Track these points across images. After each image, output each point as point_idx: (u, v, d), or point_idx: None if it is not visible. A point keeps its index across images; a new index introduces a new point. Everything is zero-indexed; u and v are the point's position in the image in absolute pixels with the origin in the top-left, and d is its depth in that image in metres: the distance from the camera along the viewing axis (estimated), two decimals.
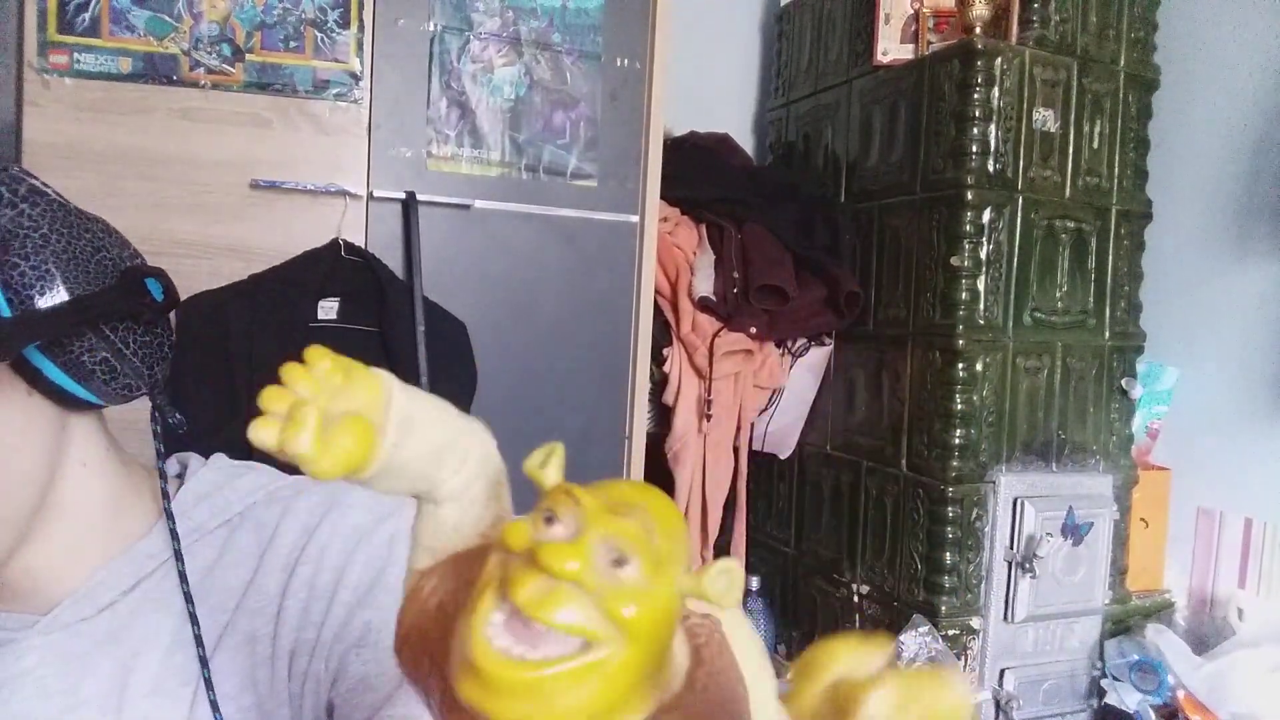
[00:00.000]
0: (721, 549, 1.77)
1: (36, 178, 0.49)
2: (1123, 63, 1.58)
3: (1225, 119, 1.66)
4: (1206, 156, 1.69)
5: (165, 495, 0.54)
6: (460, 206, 1.35)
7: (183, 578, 0.52)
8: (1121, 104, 1.58)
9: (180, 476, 0.60)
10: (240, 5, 1.25)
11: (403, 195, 1.32)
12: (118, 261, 0.51)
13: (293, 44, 1.28)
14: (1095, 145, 1.56)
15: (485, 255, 1.38)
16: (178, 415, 0.53)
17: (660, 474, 1.67)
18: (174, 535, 0.53)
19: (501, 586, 0.21)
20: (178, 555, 0.52)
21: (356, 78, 1.31)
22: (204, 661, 0.51)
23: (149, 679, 0.52)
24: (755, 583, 1.83)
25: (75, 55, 1.20)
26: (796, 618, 1.83)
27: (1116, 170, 1.58)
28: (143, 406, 0.54)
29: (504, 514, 0.28)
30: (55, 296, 0.46)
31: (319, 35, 1.29)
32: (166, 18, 1.22)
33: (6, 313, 0.45)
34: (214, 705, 0.49)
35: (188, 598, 0.51)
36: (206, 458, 0.62)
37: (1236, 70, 1.64)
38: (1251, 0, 1.62)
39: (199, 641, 0.51)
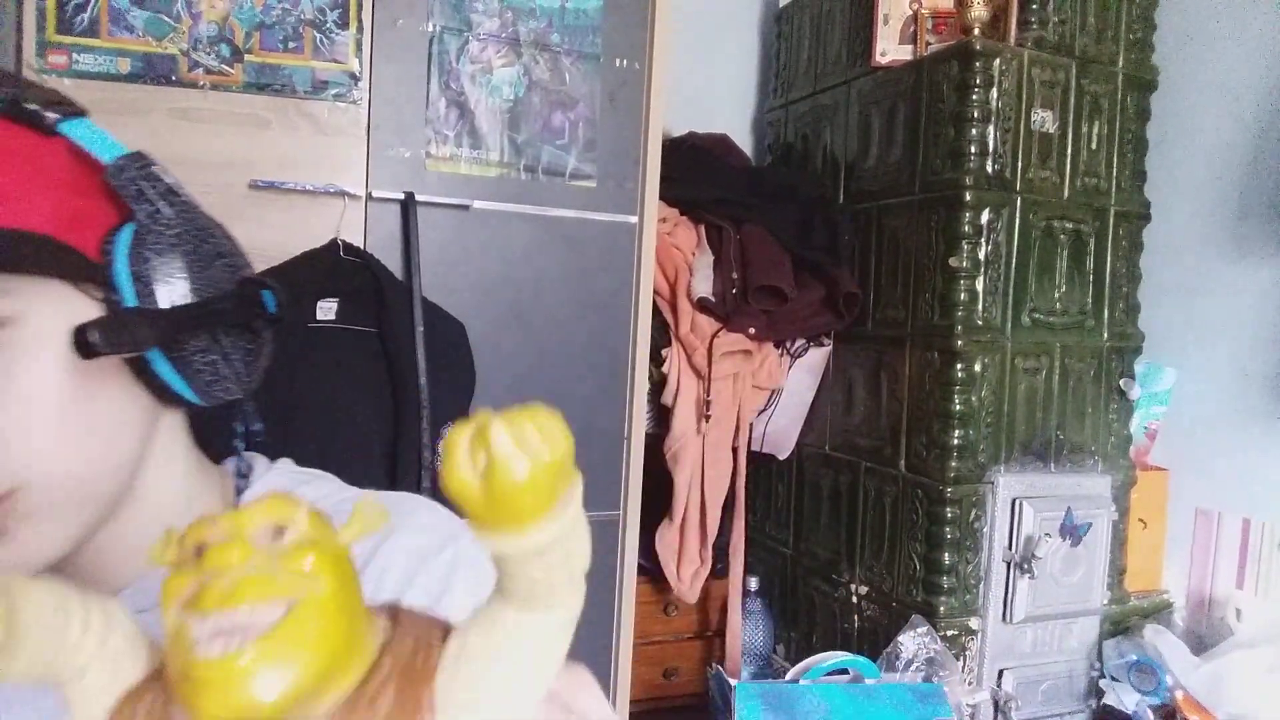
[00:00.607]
0: (720, 549, 1.77)
1: (172, 176, 0.50)
2: (1121, 64, 1.58)
3: (1224, 120, 1.66)
4: (1205, 157, 1.69)
5: (239, 493, 0.54)
6: (459, 207, 1.35)
7: None
8: (1120, 105, 1.58)
9: (245, 476, 0.60)
10: (239, 6, 1.25)
11: (401, 196, 1.32)
12: (236, 269, 0.52)
13: (291, 44, 1.28)
14: (1094, 146, 1.56)
15: (484, 256, 1.38)
16: (259, 424, 0.53)
17: (660, 474, 1.67)
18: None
19: (188, 609, 0.22)
20: None
21: (355, 78, 1.31)
22: None
23: None
24: (754, 583, 1.83)
25: (74, 55, 1.20)
26: (795, 618, 1.83)
27: (1115, 171, 1.59)
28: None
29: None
30: (179, 295, 0.47)
31: (318, 36, 1.29)
32: (165, 18, 1.22)
33: (133, 302, 0.46)
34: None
35: None
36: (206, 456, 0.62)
37: (1235, 71, 1.64)
38: (1250, 1, 1.62)
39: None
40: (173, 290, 0.47)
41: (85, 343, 0.43)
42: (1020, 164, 1.49)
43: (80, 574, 0.52)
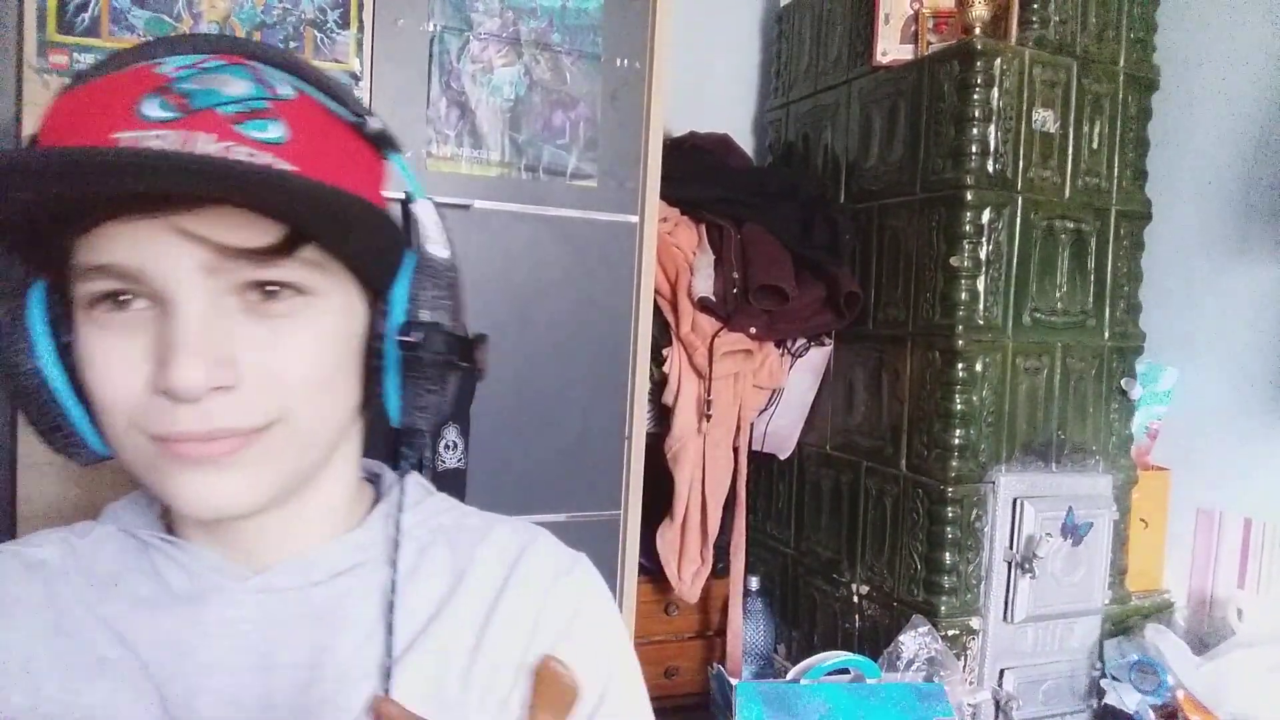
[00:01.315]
0: (721, 549, 1.77)
1: (444, 223, 0.59)
2: (1122, 63, 1.58)
3: (1225, 119, 1.66)
4: (1206, 157, 1.69)
5: (400, 504, 0.59)
6: (460, 207, 1.35)
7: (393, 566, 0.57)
8: (1121, 104, 1.58)
9: (372, 482, 0.65)
10: (240, 5, 1.25)
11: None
12: (461, 314, 0.59)
13: (292, 44, 1.28)
14: (1095, 146, 1.56)
15: (485, 255, 1.38)
16: (424, 456, 0.60)
17: (660, 474, 1.67)
18: (397, 533, 0.58)
19: None
20: (393, 561, 0.57)
21: (356, 78, 1.31)
22: (389, 656, 0.53)
23: (340, 663, 0.54)
24: (755, 583, 1.83)
25: (75, 55, 1.20)
26: (796, 618, 1.83)
27: (1116, 171, 1.59)
28: None
29: None
30: (448, 327, 0.54)
31: (318, 35, 1.29)
32: (166, 18, 1.22)
33: (400, 319, 0.53)
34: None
35: (393, 587, 0.56)
36: None
37: (1236, 71, 1.64)
38: (1251, 1, 1.62)
39: (389, 650, 0.54)
40: (446, 322, 0.54)
41: (477, 373, 0.55)
42: (1021, 163, 1.49)
43: (235, 540, 0.55)
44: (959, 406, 1.46)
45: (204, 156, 0.43)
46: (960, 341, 1.45)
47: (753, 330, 1.67)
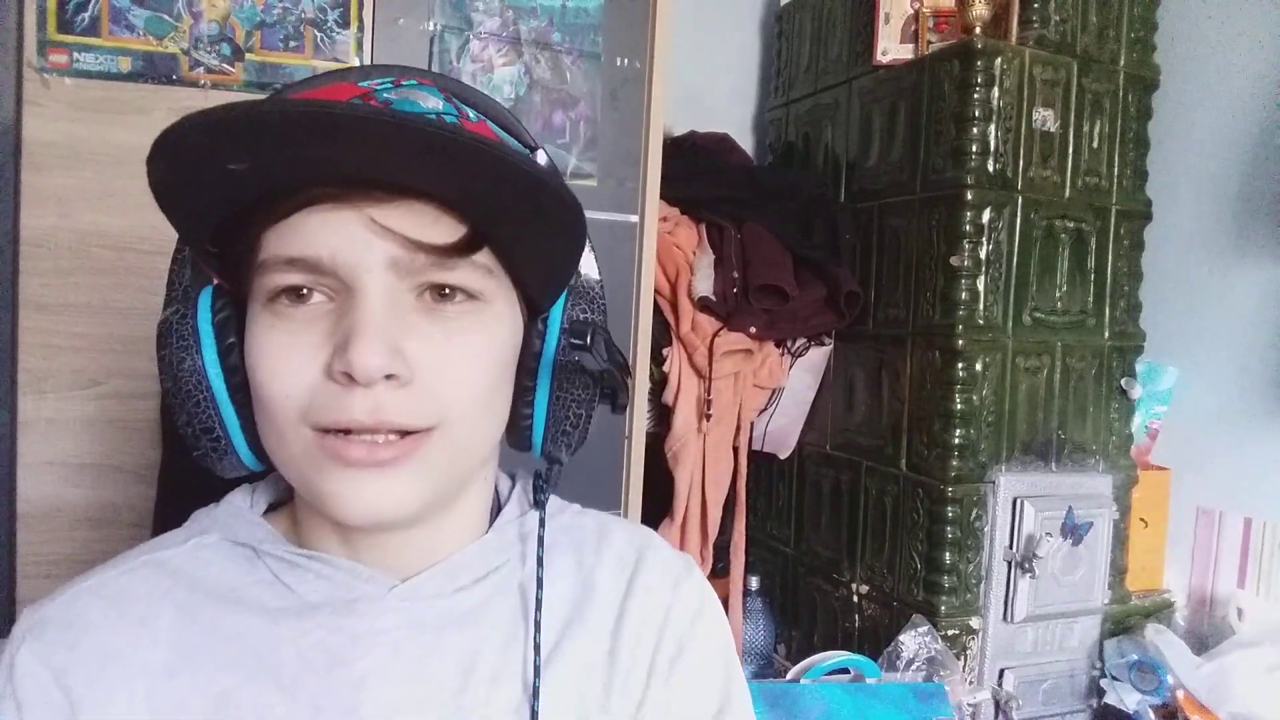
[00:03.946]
0: (721, 549, 1.77)
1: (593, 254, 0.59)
2: (1122, 63, 1.58)
3: (1225, 119, 1.66)
4: (1206, 156, 1.69)
5: (542, 504, 0.58)
6: None
7: (539, 564, 0.57)
8: (1121, 104, 1.58)
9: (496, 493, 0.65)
10: (240, 4, 1.25)
11: None
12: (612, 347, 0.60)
13: (292, 44, 1.28)
14: (1095, 145, 1.56)
15: None
16: (544, 496, 0.58)
17: (660, 474, 1.67)
18: (540, 543, 0.56)
19: None
20: (538, 566, 0.57)
21: None
22: (538, 655, 0.54)
23: (490, 667, 0.55)
24: (755, 583, 1.83)
25: (75, 55, 1.20)
26: (796, 617, 1.83)
27: (1116, 170, 1.58)
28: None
29: None
30: (597, 353, 0.56)
31: (319, 35, 1.29)
32: (166, 17, 1.22)
33: (555, 341, 0.55)
34: (534, 714, 0.52)
35: (540, 582, 0.56)
36: None
37: (1236, 70, 1.64)
38: (1251, 1, 1.62)
39: (537, 649, 0.54)
40: (594, 345, 0.55)
41: (620, 405, 0.56)
42: (1021, 163, 1.49)
43: (379, 549, 0.55)
44: (959, 406, 1.46)
45: (454, 125, 0.44)
46: (960, 341, 1.45)
47: (753, 330, 1.66)
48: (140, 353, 1.25)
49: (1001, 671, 1.51)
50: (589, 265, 0.58)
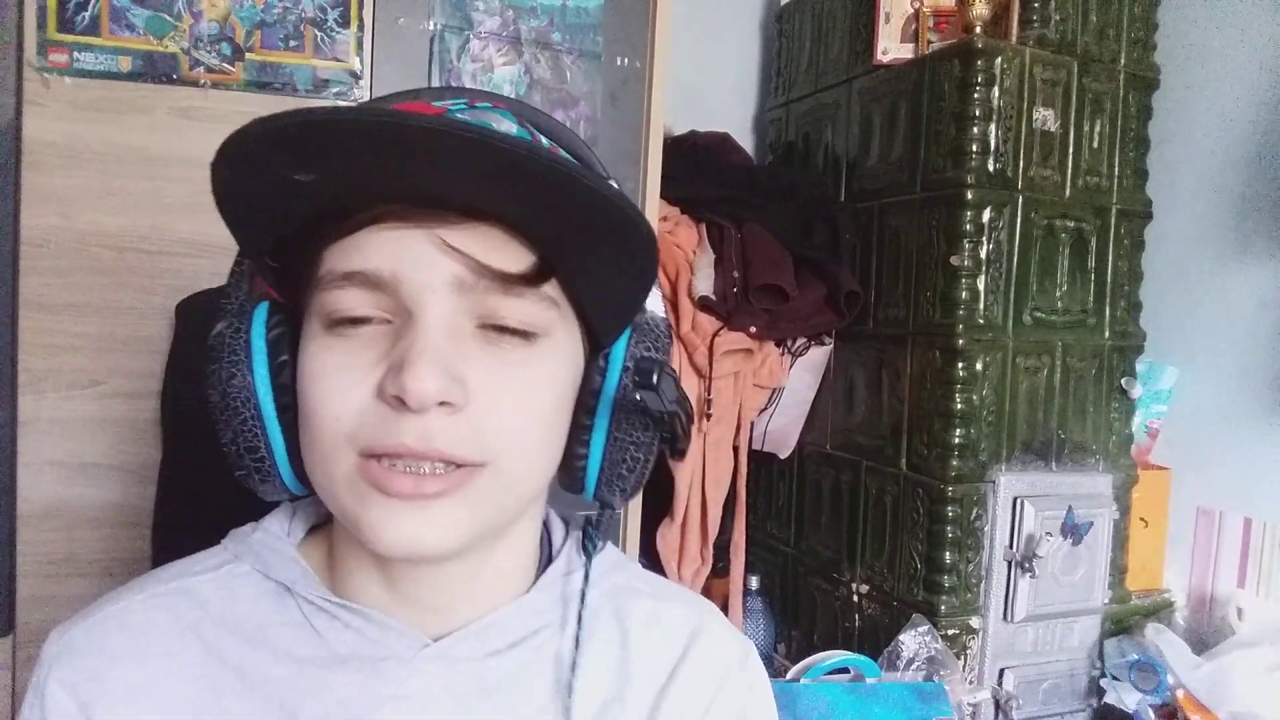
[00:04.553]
0: (721, 548, 1.77)
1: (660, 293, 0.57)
2: (1123, 62, 1.58)
3: (1225, 119, 1.66)
4: (1206, 156, 1.69)
5: (590, 555, 0.56)
6: None
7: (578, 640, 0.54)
8: (1121, 104, 1.58)
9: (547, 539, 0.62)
10: (240, 4, 1.25)
11: None
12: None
13: (292, 43, 1.28)
14: (1095, 145, 1.56)
15: None
16: (593, 542, 0.56)
17: (660, 473, 1.67)
18: (582, 600, 0.54)
19: None
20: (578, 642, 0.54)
21: (356, 77, 1.31)
22: None
23: None
24: (755, 582, 1.83)
25: (75, 54, 1.20)
26: (796, 617, 1.83)
27: (1116, 170, 1.58)
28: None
29: None
30: (664, 393, 0.52)
31: (319, 34, 1.29)
32: (166, 16, 1.22)
33: (616, 380, 0.52)
34: None
35: (574, 667, 0.53)
36: (205, 456, 0.64)
37: (1236, 70, 1.64)
38: (1252, 0, 1.62)
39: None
40: (660, 386, 0.51)
41: (678, 450, 0.52)
42: (1022, 162, 1.49)
43: (412, 600, 0.54)
44: (959, 406, 1.46)
45: (531, 142, 0.43)
46: (960, 341, 1.45)
47: (753, 329, 1.66)
48: (140, 352, 1.25)
49: (1001, 671, 1.51)
50: (655, 302, 0.56)
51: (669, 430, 0.51)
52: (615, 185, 0.52)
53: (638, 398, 0.49)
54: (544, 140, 0.51)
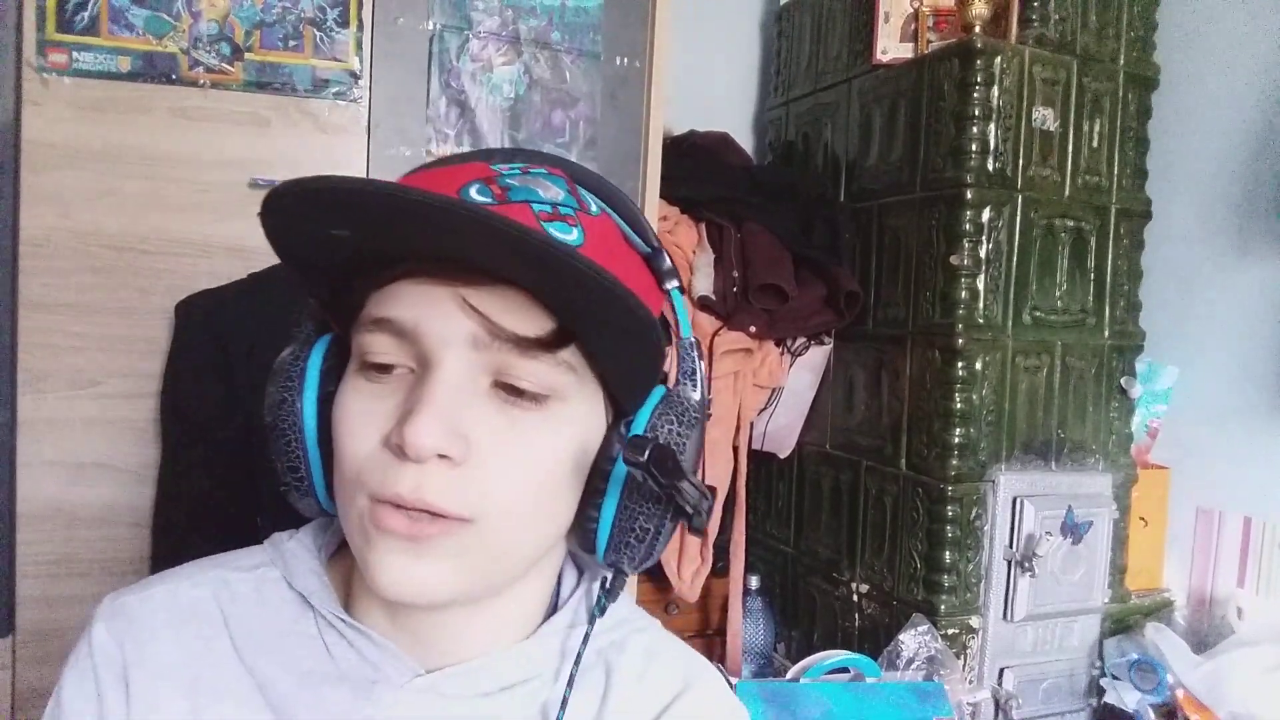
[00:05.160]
0: (721, 548, 1.77)
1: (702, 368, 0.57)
2: (1122, 62, 1.58)
3: (1225, 118, 1.66)
4: (1206, 156, 1.69)
5: (592, 619, 0.55)
6: None
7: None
8: (1121, 103, 1.58)
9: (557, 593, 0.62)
10: (239, 4, 1.25)
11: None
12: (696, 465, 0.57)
13: (292, 43, 1.28)
14: (1095, 144, 1.56)
15: None
16: (602, 602, 0.55)
17: None
18: (576, 661, 0.53)
19: None
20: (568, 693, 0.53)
21: (356, 76, 1.31)
22: None
23: None
24: (754, 582, 1.83)
25: (74, 54, 1.20)
26: (796, 617, 1.83)
27: (1116, 169, 1.58)
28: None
29: None
30: (684, 465, 0.52)
31: (318, 34, 1.29)
32: (165, 16, 1.22)
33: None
34: None
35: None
36: (205, 456, 0.64)
37: (1236, 70, 1.64)
38: (1251, 1, 1.62)
39: None
40: (665, 465, 0.49)
41: (695, 528, 0.50)
42: (1021, 162, 1.49)
43: (412, 629, 0.54)
44: (959, 405, 1.46)
45: (521, 225, 0.43)
46: (960, 340, 1.45)
47: (752, 329, 1.67)
48: (140, 353, 1.25)
49: (1001, 671, 1.51)
50: (691, 385, 0.56)
51: (686, 506, 0.50)
52: (667, 259, 0.55)
53: (642, 476, 0.49)
54: (593, 205, 0.52)
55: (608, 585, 0.55)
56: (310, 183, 0.41)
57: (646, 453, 0.47)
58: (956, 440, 1.46)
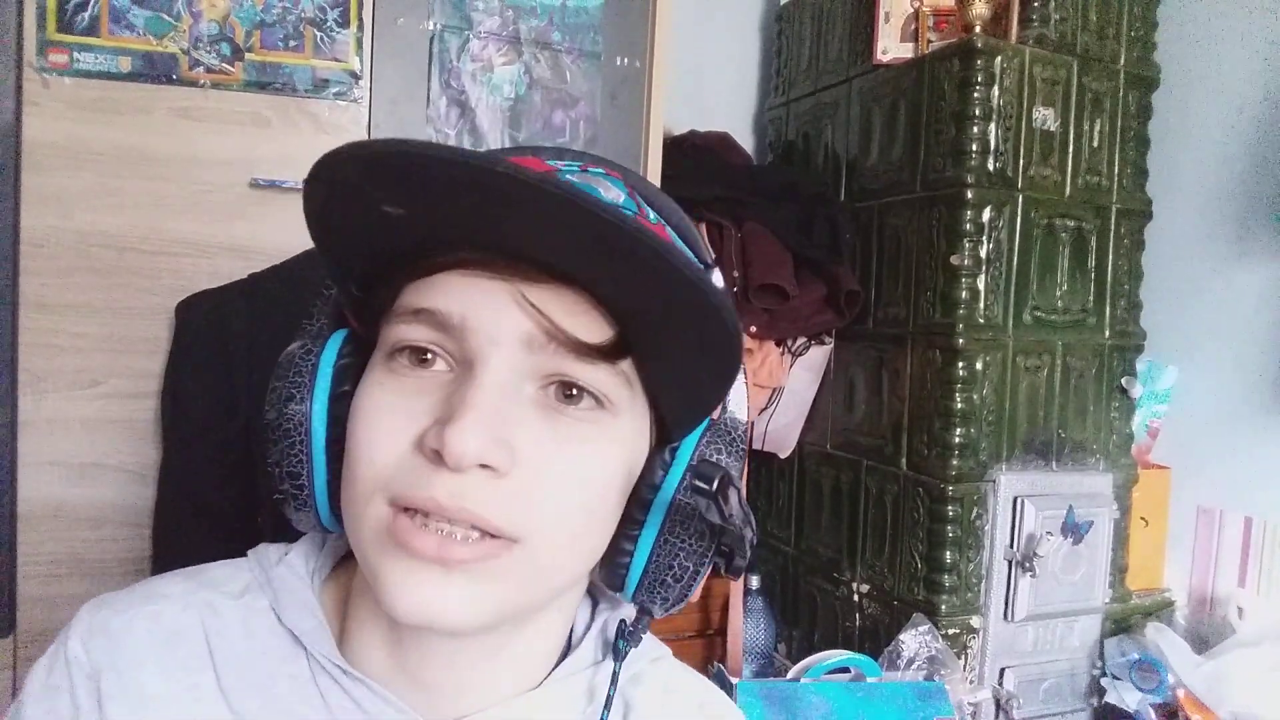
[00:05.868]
0: None
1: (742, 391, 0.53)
2: (1123, 61, 1.58)
3: (1225, 118, 1.66)
4: (1206, 156, 1.68)
5: (619, 661, 0.51)
6: None
7: None
8: (1121, 103, 1.58)
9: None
10: (239, 4, 1.25)
11: None
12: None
13: (292, 43, 1.28)
14: (1095, 144, 1.56)
15: None
16: (623, 644, 0.51)
17: None
18: (607, 705, 0.50)
19: None
20: None
21: (356, 77, 1.31)
22: None
23: None
24: (755, 582, 1.83)
25: (75, 54, 1.20)
26: (796, 617, 1.83)
27: (1116, 169, 1.58)
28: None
29: None
30: (733, 512, 0.49)
31: (318, 34, 1.29)
32: (166, 17, 1.22)
33: (676, 480, 0.48)
34: None
35: None
36: (205, 456, 0.63)
37: (1236, 69, 1.64)
38: (1252, 0, 1.62)
39: None
40: (723, 494, 0.46)
41: (735, 569, 0.48)
42: (1022, 162, 1.49)
43: (415, 676, 0.50)
44: (959, 405, 1.46)
45: (621, 211, 0.39)
46: (961, 340, 1.45)
47: (753, 329, 1.66)
48: (140, 352, 1.25)
49: (1002, 670, 1.51)
50: (739, 404, 0.52)
51: (725, 544, 0.47)
52: (718, 276, 0.51)
53: (695, 503, 0.45)
54: (651, 213, 0.49)
55: (629, 629, 0.51)
56: (375, 146, 0.36)
57: (715, 483, 0.44)
58: (957, 440, 1.46)
